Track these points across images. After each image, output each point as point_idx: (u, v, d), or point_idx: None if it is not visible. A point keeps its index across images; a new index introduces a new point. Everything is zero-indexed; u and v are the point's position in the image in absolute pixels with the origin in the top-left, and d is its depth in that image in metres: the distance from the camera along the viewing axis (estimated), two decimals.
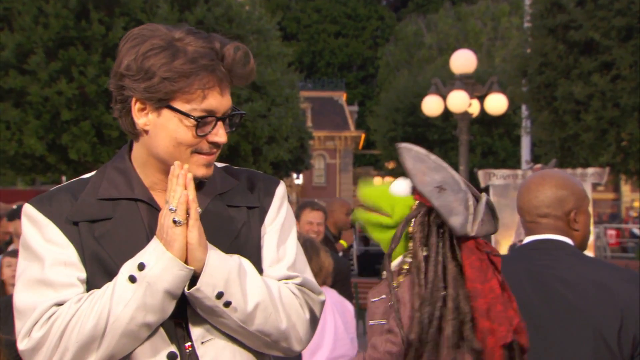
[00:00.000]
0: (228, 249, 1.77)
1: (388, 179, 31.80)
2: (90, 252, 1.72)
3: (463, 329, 1.77)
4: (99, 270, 1.71)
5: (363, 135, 46.88)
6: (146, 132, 1.73)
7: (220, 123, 1.73)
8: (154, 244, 1.66)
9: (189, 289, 1.68)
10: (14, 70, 12.82)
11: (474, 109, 12.82)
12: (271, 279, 1.83)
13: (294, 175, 38.82)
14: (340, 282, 5.06)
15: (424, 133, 22.82)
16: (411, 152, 1.91)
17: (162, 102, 1.68)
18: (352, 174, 47.79)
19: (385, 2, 59.24)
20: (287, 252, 1.89)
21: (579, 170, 10.83)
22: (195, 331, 1.75)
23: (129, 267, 1.66)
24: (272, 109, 15.31)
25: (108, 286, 1.68)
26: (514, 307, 1.82)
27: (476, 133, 20.48)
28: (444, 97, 12.75)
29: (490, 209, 1.89)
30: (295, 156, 20.68)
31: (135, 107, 1.71)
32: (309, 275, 1.90)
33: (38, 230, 1.75)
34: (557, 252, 2.31)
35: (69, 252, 1.72)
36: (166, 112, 1.69)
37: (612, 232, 19.75)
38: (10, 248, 5.36)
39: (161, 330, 1.72)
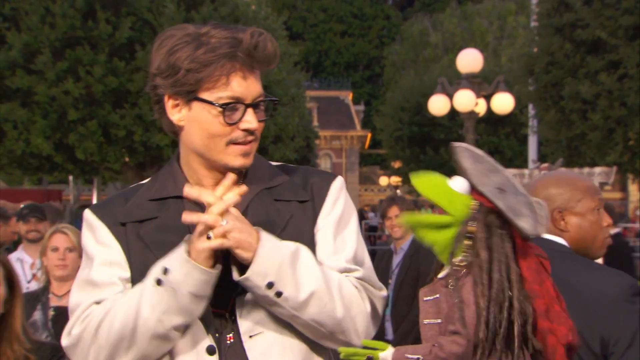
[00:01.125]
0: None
1: (394, 178, 31.86)
2: (135, 251, 1.77)
3: (525, 330, 1.76)
4: (144, 268, 1.73)
5: (369, 135, 46.91)
6: (182, 128, 1.76)
7: (250, 110, 1.72)
8: (180, 249, 1.66)
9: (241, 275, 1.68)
10: (21, 70, 12.87)
11: (481, 108, 12.83)
12: (332, 270, 1.80)
13: None
14: None
15: (430, 132, 22.85)
16: (468, 152, 1.87)
17: (190, 95, 1.71)
18: (358, 173, 47.83)
19: (391, 2, 59.24)
20: (347, 245, 1.86)
21: (586, 170, 10.83)
22: (244, 324, 1.74)
23: (156, 270, 1.68)
24: (278, 109, 15.33)
25: (139, 287, 1.72)
26: (564, 307, 1.83)
27: (482, 132, 20.51)
28: (450, 97, 12.76)
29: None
30: (301, 155, 20.69)
31: (169, 104, 1.74)
32: (369, 270, 1.88)
33: (92, 234, 1.83)
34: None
35: (115, 252, 1.78)
36: (196, 105, 1.71)
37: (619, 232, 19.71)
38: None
39: (199, 323, 1.72)
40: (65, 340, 1.76)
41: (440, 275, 1.89)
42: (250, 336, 1.74)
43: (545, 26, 13.77)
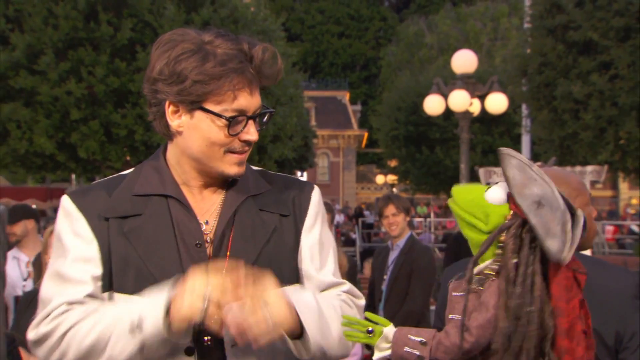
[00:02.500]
0: (259, 254, 1.79)
1: (391, 176, 31.93)
2: (117, 247, 1.73)
3: (543, 345, 1.74)
4: (125, 265, 1.72)
5: (366, 134, 46.98)
6: (180, 133, 1.76)
7: (251, 122, 1.74)
8: (161, 302, 1.60)
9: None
10: (25, 70, 12.95)
11: (475, 108, 12.83)
12: (329, 297, 1.88)
13: (298, 173, 38.81)
14: (348, 280, 5.24)
15: (426, 132, 22.85)
16: (513, 160, 1.79)
17: (194, 104, 1.71)
18: (355, 172, 47.91)
19: (387, 4, 59.33)
20: (329, 258, 1.93)
21: (578, 168, 10.92)
22: (228, 333, 1.69)
23: (132, 317, 1.62)
24: (276, 109, 15.35)
25: (114, 317, 1.66)
26: (589, 324, 1.80)
27: (477, 132, 20.57)
28: (445, 97, 12.76)
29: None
30: (299, 154, 20.65)
31: (169, 109, 1.74)
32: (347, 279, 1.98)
33: (69, 223, 1.78)
34: None
35: (92, 248, 1.74)
36: (199, 114, 1.72)
37: (609, 228, 19.84)
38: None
39: None
40: (31, 334, 1.73)
41: (471, 274, 1.87)
42: (232, 345, 1.73)
43: (538, 28, 13.85)
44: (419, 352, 1.82)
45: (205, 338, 1.72)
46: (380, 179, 43.65)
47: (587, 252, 2.80)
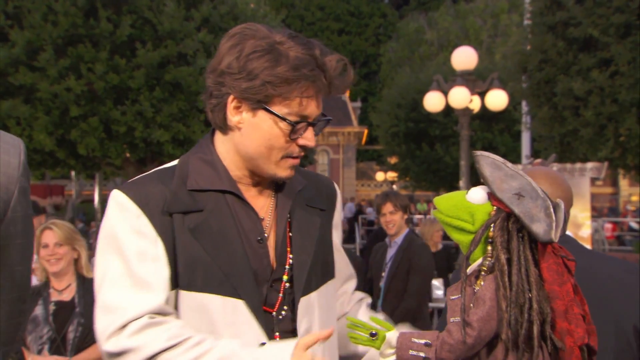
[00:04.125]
0: (315, 250, 1.81)
1: (391, 173, 31.94)
2: (183, 244, 1.69)
3: (544, 329, 1.79)
4: (192, 263, 1.69)
5: (366, 131, 47.02)
6: (239, 129, 1.75)
7: (310, 128, 1.76)
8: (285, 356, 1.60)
9: None
10: (24, 67, 12.93)
11: (475, 104, 12.91)
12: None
13: None
14: None
15: (426, 129, 22.88)
16: (488, 160, 1.88)
17: (260, 104, 1.70)
18: (355, 169, 47.95)
19: (387, 0, 59.32)
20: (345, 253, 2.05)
21: (578, 165, 10.92)
22: (301, 326, 1.76)
23: None
24: None
25: (218, 353, 1.62)
26: (586, 310, 1.85)
27: (477, 128, 20.59)
28: (445, 93, 12.83)
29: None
30: None
31: (232, 104, 1.73)
32: None
33: (128, 220, 1.71)
34: (567, 245, 2.36)
35: (158, 246, 1.69)
36: (262, 114, 1.70)
37: (608, 226, 19.86)
38: None
39: (252, 321, 1.70)
40: (109, 344, 1.64)
41: (467, 272, 1.93)
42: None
43: (538, 24, 13.84)
44: (425, 354, 1.84)
45: (275, 335, 1.74)
46: (380, 175, 43.71)
47: (587, 246, 2.80)
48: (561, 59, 13.15)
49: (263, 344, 1.68)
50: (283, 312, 1.76)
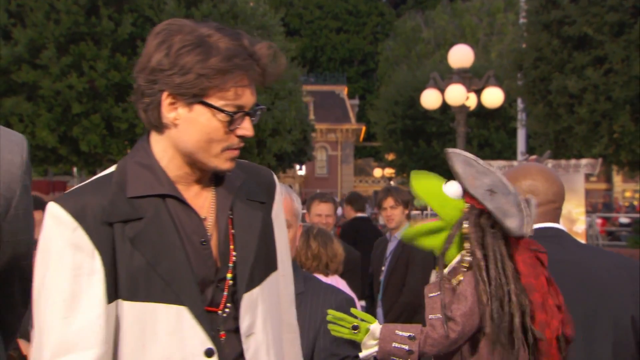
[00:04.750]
0: (257, 246, 1.78)
1: (388, 169, 32.11)
2: (122, 255, 1.64)
3: (524, 321, 1.81)
4: (133, 273, 1.65)
5: (364, 128, 47.10)
6: (175, 126, 1.69)
7: (247, 117, 1.72)
8: None
9: None
10: (27, 64, 13.04)
11: (471, 102, 12.92)
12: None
13: (297, 167, 39.00)
14: (350, 272, 5.00)
15: (423, 126, 22.93)
16: (460, 157, 1.91)
17: (196, 98, 1.66)
18: (353, 165, 48.08)
19: None
20: (287, 244, 2.00)
21: (573, 162, 11.00)
22: (243, 325, 1.74)
23: None
24: (275, 103, 15.47)
25: None
26: (560, 301, 1.87)
27: (473, 125, 20.62)
28: (442, 91, 12.85)
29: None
30: (298, 148, 20.72)
31: (166, 101, 1.67)
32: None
33: (63, 234, 1.64)
34: (561, 239, 2.34)
35: (95, 259, 1.64)
36: (198, 107, 1.67)
37: (598, 221, 19.93)
38: None
39: (194, 325, 1.67)
40: None
41: (445, 271, 1.92)
42: (247, 336, 1.74)
43: (533, 23, 13.95)
44: (408, 347, 1.86)
45: (220, 334, 1.71)
46: (377, 172, 43.82)
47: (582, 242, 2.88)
48: (556, 57, 13.26)
49: (209, 349, 1.67)
50: (227, 310, 1.73)
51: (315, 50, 54.58)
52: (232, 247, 1.75)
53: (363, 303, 7.12)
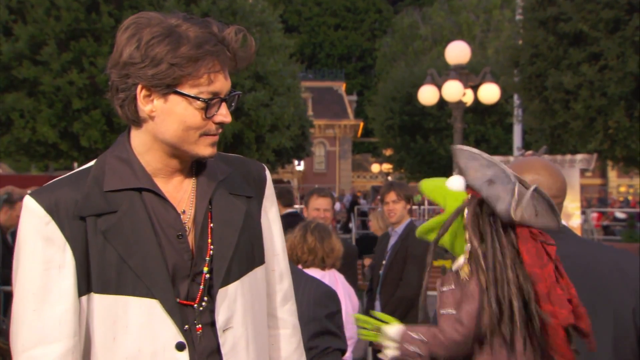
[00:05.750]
0: (238, 238, 1.77)
1: (386, 165, 32.12)
2: (94, 248, 1.64)
3: (530, 307, 1.79)
4: (105, 266, 1.64)
5: (361, 124, 47.13)
6: (152, 118, 1.69)
7: (223, 103, 1.72)
8: None
9: None
10: (28, 61, 13.06)
11: (468, 98, 12.96)
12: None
13: (296, 162, 39.08)
14: (347, 266, 4.94)
15: (420, 121, 22.92)
16: (464, 152, 1.92)
17: (169, 88, 1.65)
18: (351, 161, 48.13)
19: None
20: (282, 239, 2.00)
21: (568, 157, 11.06)
22: (220, 319, 1.73)
23: None
24: (274, 99, 15.46)
25: None
26: (573, 293, 1.84)
27: (470, 121, 20.69)
28: (439, 87, 12.88)
29: (548, 203, 1.89)
30: (296, 144, 20.69)
31: (141, 94, 1.67)
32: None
33: (36, 227, 1.65)
34: (563, 234, 2.29)
35: (65, 253, 1.64)
36: (173, 97, 1.66)
37: (593, 215, 20.00)
38: None
39: (165, 318, 1.67)
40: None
41: (454, 267, 1.93)
42: (224, 330, 1.73)
43: (529, 19, 13.96)
44: (419, 350, 1.88)
45: (197, 327, 1.71)
46: (375, 167, 43.83)
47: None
48: (552, 54, 13.27)
49: (180, 343, 1.67)
50: (204, 304, 1.72)
51: (314, 47, 54.62)
52: (209, 241, 1.75)
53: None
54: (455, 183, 1.95)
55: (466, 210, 1.90)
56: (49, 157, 15.06)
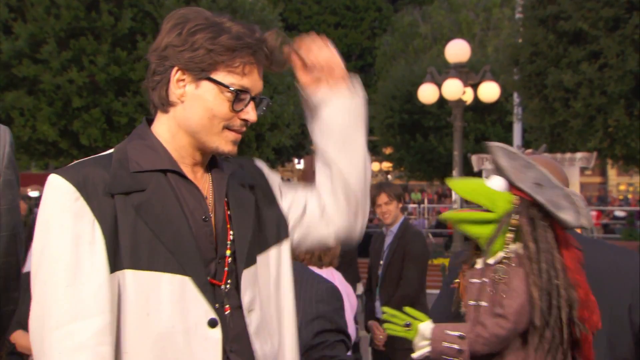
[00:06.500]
0: (254, 229, 1.81)
1: (386, 163, 32.14)
2: (125, 224, 1.64)
3: (572, 315, 1.81)
4: (137, 242, 1.64)
5: None
6: (181, 102, 1.72)
7: (252, 102, 1.75)
8: None
9: None
10: (27, 59, 13.07)
11: (468, 96, 13.09)
12: None
13: (295, 161, 39.02)
14: (347, 264, 5.12)
15: (420, 120, 22.90)
16: (504, 151, 1.90)
17: (203, 73, 1.69)
18: None
19: None
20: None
21: (568, 155, 11.12)
22: (245, 299, 1.76)
23: None
24: (274, 97, 15.49)
25: None
26: (592, 298, 1.88)
27: (470, 120, 20.65)
28: (439, 85, 13.00)
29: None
30: (296, 142, 20.62)
31: (175, 76, 1.71)
32: None
33: (65, 203, 1.63)
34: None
35: (95, 229, 1.62)
36: (205, 84, 1.70)
37: (593, 213, 20.07)
38: None
39: (197, 294, 1.67)
40: (56, 337, 1.58)
41: (490, 261, 1.92)
42: (249, 311, 1.76)
43: (529, 18, 13.95)
44: (458, 346, 1.86)
45: (225, 307, 1.73)
46: (375, 166, 43.75)
47: None
48: (552, 52, 13.27)
49: (212, 319, 1.68)
50: (228, 286, 1.74)
51: None
52: (229, 226, 1.78)
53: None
54: (499, 183, 1.93)
55: (516, 214, 1.88)
56: (49, 156, 15.10)
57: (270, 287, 1.85)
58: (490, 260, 1.91)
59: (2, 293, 1.84)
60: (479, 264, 1.98)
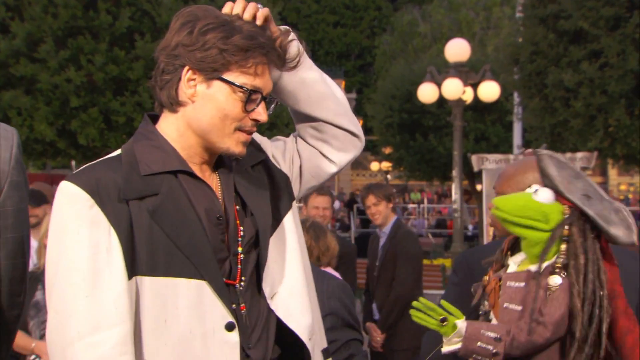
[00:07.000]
0: (271, 207, 1.82)
1: (385, 163, 32.16)
2: (142, 230, 1.63)
3: (608, 326, 1.83)
4: (153, 248, 1.63)
5: (361, 122, 46.90)
6: (192, 102, 1.71)
7: (263, 102, 1.74)
8: None
9: None
10: (25, 58, 13.03)
11: (468, 96, 13.06)
12: None
13: None
14: (345, 265, 5.09)
15: (420, 119, 22.87)
16: (554, 160, 1.91)
17: (215, 73, 1.68)
18: None
19: None
20: None
21: (568, 155, 11.05)
22: (266, 289, 1.76)
23: None
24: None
25: None
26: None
27: (470, 119, 20.60)
28: (439, 85, 12.97)
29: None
30: None
31: (186, 76, 1.69)
32: None
33: (80, 211, 1.61)
34: None
35: (111, 236, 1.61)
36: (217, 84, 1.69)
37: None
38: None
39: (214, 299, 1.67)
40: (80, 348, 1.56)
41: (532, 268, 1.91)
42: (272, 297, 1.77)
43: (529, 17, 13.91)
44: (494, 348, 1.86)
45: (241, 306, 1.73)
46: (374, 165, 43.81)
47: None
48: (552, 51, 13.22)
49: (230, 323, 1.68)
50: (243, 283, 1.75)
51: (313, 44, 54.55)
52: (238, 222, 1.78)
53: None
54: (546, 196, 1.92)
55: (567, 225, 1.88)
56: (47, 155, 15.06)
57: (295, 249, 1.87)
58: (533, 267, 1.90)
59: (8, 296, 1.86)
60: (511, 266, 1.97)
